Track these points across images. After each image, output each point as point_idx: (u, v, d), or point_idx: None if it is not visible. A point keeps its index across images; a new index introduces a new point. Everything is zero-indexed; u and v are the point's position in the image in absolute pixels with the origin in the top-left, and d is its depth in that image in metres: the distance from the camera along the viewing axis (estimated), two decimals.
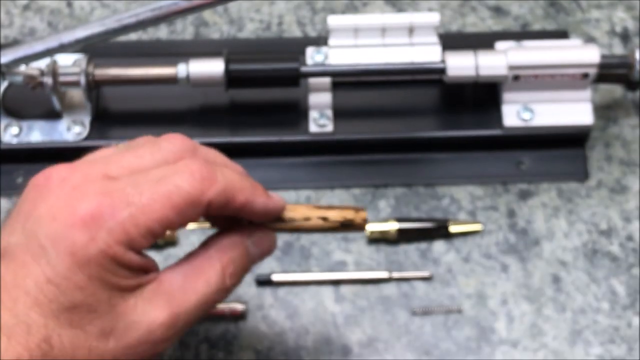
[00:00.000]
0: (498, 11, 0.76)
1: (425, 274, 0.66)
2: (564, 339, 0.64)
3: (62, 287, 0.45)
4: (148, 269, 0.48)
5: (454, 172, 0.70)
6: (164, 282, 0.49)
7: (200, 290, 0.49)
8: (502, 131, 0.69)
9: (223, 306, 0.64)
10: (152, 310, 0.48)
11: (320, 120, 0.69)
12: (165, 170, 0.48)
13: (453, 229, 0.67)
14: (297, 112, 0.70)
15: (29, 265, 0.45)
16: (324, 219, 0.55)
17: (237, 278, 0.51)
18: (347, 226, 0.55)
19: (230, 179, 0.49)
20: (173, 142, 0.50)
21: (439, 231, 0.67)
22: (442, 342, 0.64)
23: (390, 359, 0.64)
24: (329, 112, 0.69)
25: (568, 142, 0.70)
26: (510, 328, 0.65)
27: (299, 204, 0.56)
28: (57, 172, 0.48)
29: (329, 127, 0.68)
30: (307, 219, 0.55)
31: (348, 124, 0.69)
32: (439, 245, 0.67)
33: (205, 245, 0.51)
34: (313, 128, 0.68)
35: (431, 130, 0.69)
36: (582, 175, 0.70)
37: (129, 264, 0.47)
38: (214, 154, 0.52)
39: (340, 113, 0.69)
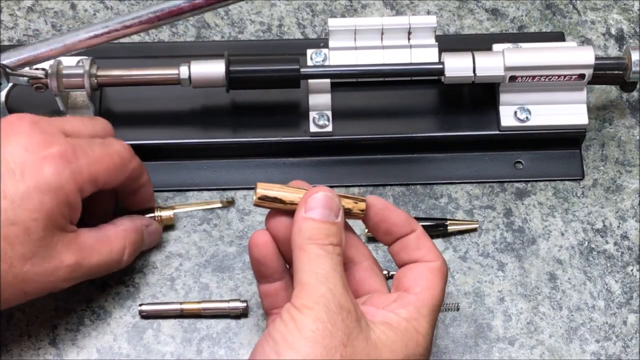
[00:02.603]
0: (495, 13, 0.76)
1: None
2: (560, 337, 0.65)
3: (15, 205, 0.55)
4: (73, 220, 0.59)
5: (452, 171, 0.70)
6: (81, 237, 0.59)
7: (103, 255, 0.60)
8: (499, 131, 0.69)
9: (225, 304, 0.65)
10: (65, 253, 0.58)
11: (319, 121, 0.69)
12: (106, 139, 0.61)
13: (451, 227, 0.68)
14: (298, 113, 0.70)
15: None
16: None
17: (132, 257, 0.63)
18: (346, 214, 0.57)
19: (138, 161, 0.63)
20: (101, 121, 0.64)
21: (437, 230, 0.68)
22: (440, 339, 0.65)
23: None
24: (329, 113, 0.69)
25: (564, 142, 0.71)
26: (507, 326, 0.65)
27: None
28: (28, 117, 0.59)
29: (329, 128, 0.69)
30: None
31: (347, 124, 0.70)
32: (437, 244, 0.67)
33: (116, 222, 0.63)
34: (313, 128, 0.69)
35: (429, 131, 0.70)
36: (578, 174, 0.70)
37: (73, 206, 0.58)
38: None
39: (339, 114, 0.70)
